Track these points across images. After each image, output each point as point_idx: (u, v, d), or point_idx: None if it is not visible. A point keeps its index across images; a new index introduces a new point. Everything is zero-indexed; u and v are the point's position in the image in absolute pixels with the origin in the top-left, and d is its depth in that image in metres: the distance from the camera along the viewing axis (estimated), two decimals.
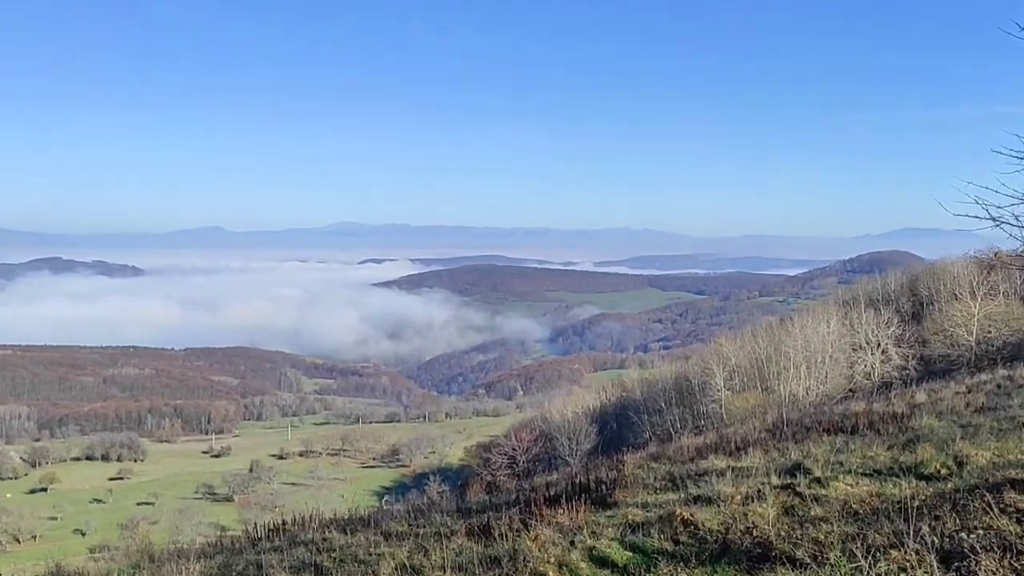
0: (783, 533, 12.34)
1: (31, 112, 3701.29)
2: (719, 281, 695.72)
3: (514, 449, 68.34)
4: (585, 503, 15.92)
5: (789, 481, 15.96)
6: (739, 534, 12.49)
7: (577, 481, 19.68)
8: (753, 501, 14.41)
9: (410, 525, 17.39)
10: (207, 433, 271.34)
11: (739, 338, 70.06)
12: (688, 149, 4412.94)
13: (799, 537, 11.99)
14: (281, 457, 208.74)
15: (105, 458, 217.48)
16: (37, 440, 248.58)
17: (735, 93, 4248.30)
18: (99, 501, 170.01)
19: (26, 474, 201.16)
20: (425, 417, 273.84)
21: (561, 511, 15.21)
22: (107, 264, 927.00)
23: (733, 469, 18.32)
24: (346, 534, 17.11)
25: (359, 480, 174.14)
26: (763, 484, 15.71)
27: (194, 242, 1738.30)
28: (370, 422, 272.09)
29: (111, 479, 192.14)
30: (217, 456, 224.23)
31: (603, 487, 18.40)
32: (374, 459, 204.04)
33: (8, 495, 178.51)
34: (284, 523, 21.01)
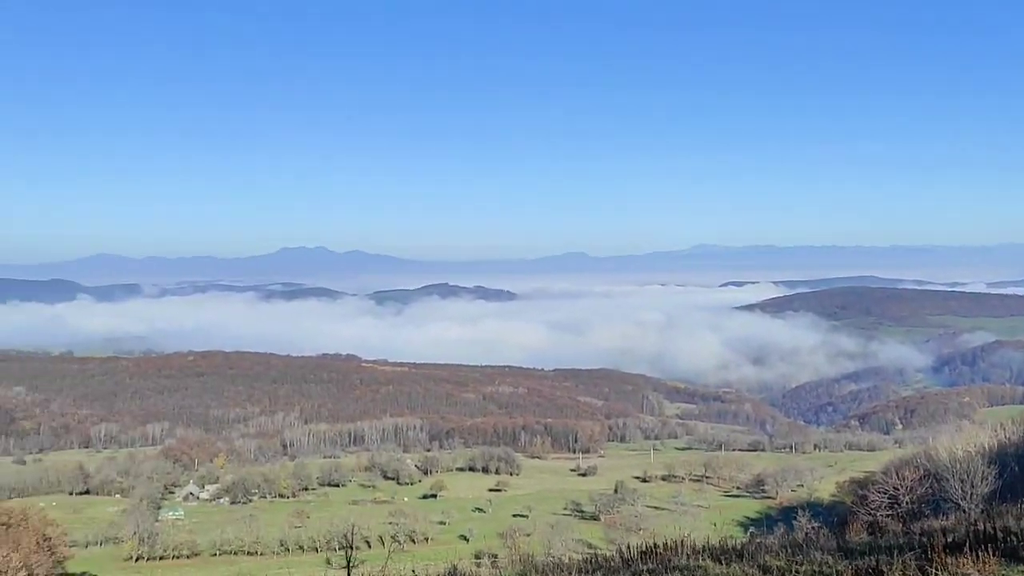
0: None
1: (408, 154, 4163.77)
2: None
3: (896, 488, 62.99)
4: (993, 554, 14.22)
5: None
6: None
7: (980, 529, 17.67)
8: None
9: (788, 560, 16.70)
10: (574, 451, 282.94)
11: None
12: None
13: None
14: (644, 480, 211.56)
15: (485, 470, 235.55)
16: (428, 450, 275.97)
17: None
18: (480, 510, 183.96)
19: (419, 480, 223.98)
20: (791, 447, 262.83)
21: (964, 560, 13.74)
22: (485, 289, 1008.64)
23: None
24: (720, 563, 16.86)
25: (722, 508, 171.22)
26: None
27: (560, 267, 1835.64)
28: (732, 449, 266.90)
29: (490, 490, 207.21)
30: (583, 475, 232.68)
31: (1013, 538, 16.34)
32: (737, 488, 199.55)
33: (405, 499, 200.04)
34: (655, 546, 21.18)
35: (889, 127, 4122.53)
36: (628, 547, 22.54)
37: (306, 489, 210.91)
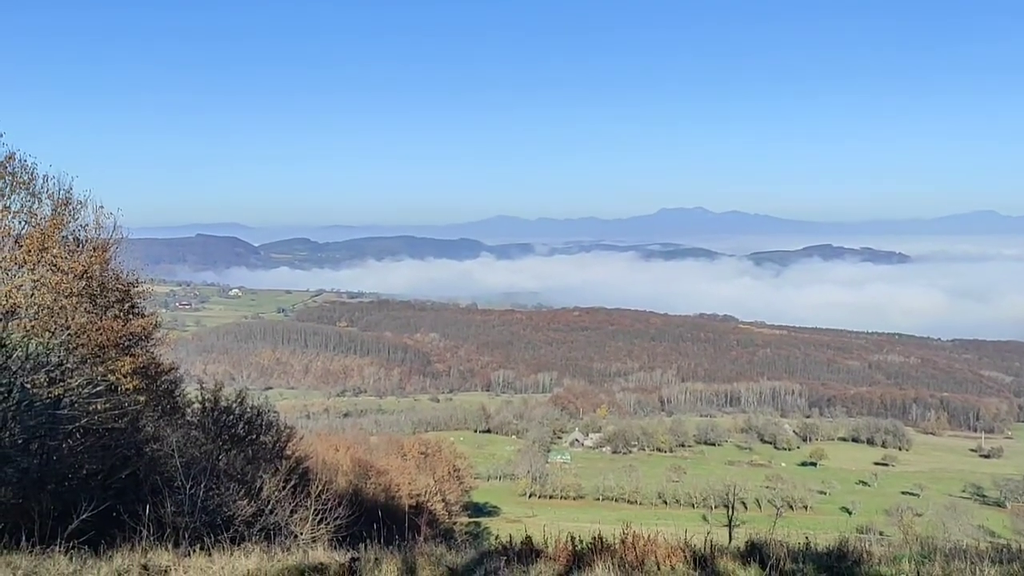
0: None
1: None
2: None
3: None
4: None
5: None
6: None
7: None
8: None
9: None
10: (975, 430, 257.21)
11: None
12: None
13: None
14: None
15: (870, 442, 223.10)
16: (807, 417, 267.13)
17: None
18: (864, 483, 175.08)
19: (798, 447, 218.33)
20: None
21: None
22: (873, 251, 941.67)
23: None
24: None
25: None
26: None
27: (964, 228, 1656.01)
28: None
29: (875, 463, 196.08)
30: (986, 456, 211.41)
31: None
32: None
33: (783, 464, 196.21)
34: None
35: None
36: None
37: (682, 445, 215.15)
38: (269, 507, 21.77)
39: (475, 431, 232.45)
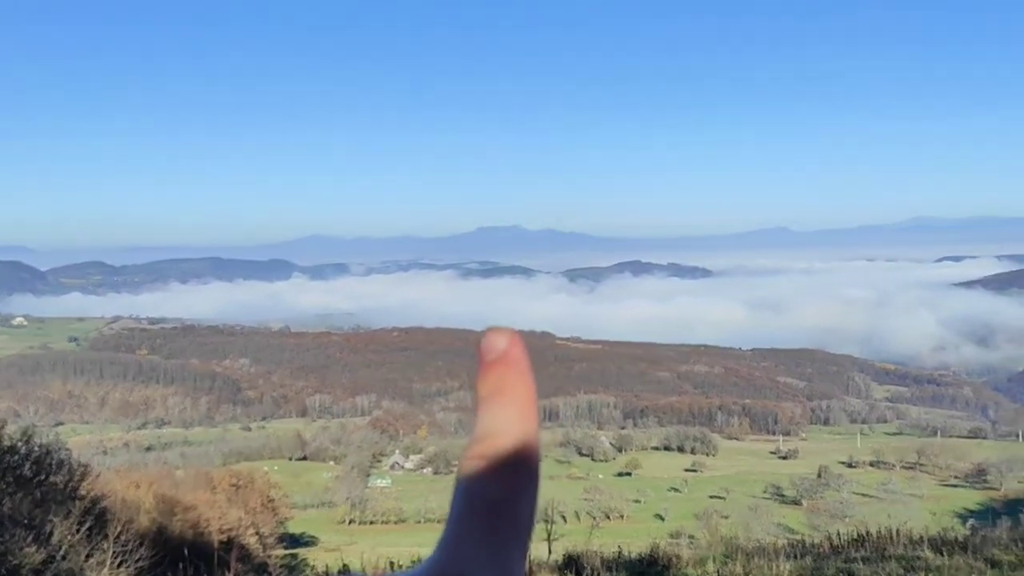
0: None
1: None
2: None
3: None
4: None
5: None
6: None
7: None
8: None
9: (1020, 556, 16.03)
10: (774, 434, 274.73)
11: None
12: None
13: None
14: (850, 465, 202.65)
15: (680, 449, 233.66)
16: (623, 428, 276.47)
17: None
18: (675, 490, 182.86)
19: (614, 458, 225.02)
20: (1018, 435, 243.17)
21: None
22: (679, 266, 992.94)
23: None
24: (941, 555, 16.40)
25: (938, 499, 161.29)
26: None
27: (760, 243, 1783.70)
28: (950, 436, 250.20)
29: (686, 470, 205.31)
30: (784, 458, 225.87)
31: None
32: (955, 477, 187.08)
33: (600, 476, 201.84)
34: (868, 534, 20.83)
35: None
36: (838, 534, 22.28)
37: None
38: (61, 553, 19.88)
39: (290, 459, 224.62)
